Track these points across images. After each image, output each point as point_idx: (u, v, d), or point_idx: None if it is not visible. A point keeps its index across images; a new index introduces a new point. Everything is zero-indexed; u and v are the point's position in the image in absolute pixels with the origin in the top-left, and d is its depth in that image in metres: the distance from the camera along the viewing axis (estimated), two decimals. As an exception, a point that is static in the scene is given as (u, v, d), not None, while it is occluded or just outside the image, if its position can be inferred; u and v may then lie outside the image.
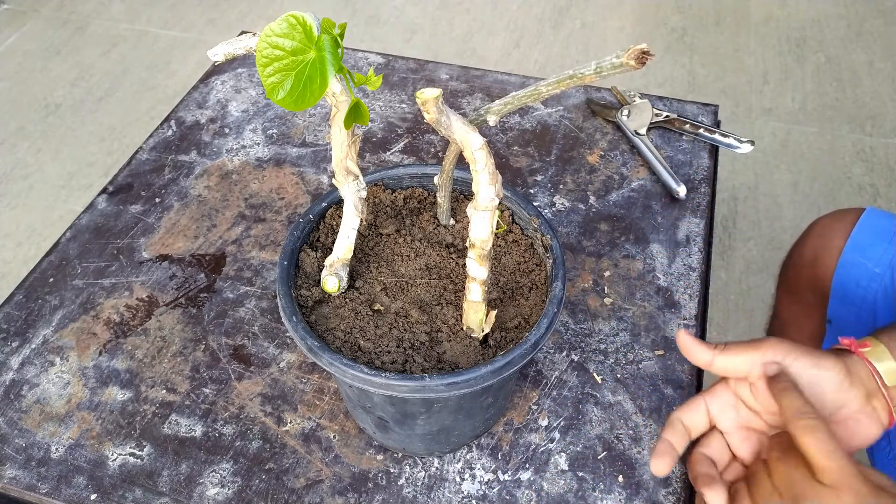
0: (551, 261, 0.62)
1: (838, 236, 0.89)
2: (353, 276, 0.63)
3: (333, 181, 0.60)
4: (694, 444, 0.57)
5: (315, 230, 0.66)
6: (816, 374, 0.53)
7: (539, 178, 0.93)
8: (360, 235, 0.66)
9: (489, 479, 0.66)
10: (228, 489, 0.66)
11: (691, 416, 0.56)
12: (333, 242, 0.62)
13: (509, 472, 0.67)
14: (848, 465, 0.46)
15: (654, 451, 0.54)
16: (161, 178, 0.93)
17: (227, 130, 1.00)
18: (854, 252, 0.87)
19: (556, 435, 0.69)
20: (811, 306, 0.94)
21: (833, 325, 0.90)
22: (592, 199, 0.90)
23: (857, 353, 0.55)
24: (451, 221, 0.68)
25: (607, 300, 0.79)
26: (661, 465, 0.53)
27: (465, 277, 0.58)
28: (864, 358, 0.54)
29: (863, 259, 0.86)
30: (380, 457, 0.68)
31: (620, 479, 0.66)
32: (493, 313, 0.59)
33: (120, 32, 2.24)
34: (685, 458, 0.57)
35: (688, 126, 0.97)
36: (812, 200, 1.73)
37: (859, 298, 0.86)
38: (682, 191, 0.89)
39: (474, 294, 0.58)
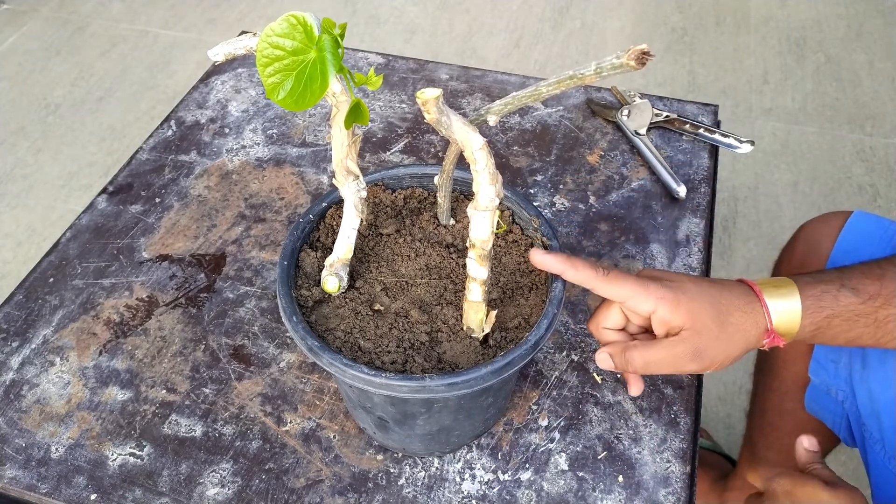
0: (551, 261, 0.62)
1: (825, 240, 0.88)
2: (353, 276, 0.63)
3: (333, 181, 0.60)
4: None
5: (315, 230, 0.66)
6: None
7: (539, 178, 0.93)
8: (361, 235, 0.66)
9: (489, 479, 0.66)
10: (228, 489, 0.66)
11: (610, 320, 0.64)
12: (333, 242, 0.62)
13: (509, 472, 0.67)
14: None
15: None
16: (161, 178, 0.93)
17: (227, 130, 1.00)
18: (841, 256, 0.86)
19: (556, 435, 0.69)
20: None
21: None
22: (592, 199, 0.90)
23: (752, 286, 0.62)
24: (452, 221, 0.68)
25: (607, 300, 0.79)
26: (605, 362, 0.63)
27: (466, 277, 0.58)
28: (759, 295, 0.61)
29: (850, 263, 0.85)
30: (380, 457, 0.68)
31: (620, 479, 0.66)
32: (493, 313, 0.59)
33: (120, 32, 2.23)
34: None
35: (688, 126, 0.97)
36: (812, 200, 1.72)
37: None
38: (682, 191, 0.89)
39: (474, 294, 0.58)
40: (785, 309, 0.61)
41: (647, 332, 0.64)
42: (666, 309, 0.59)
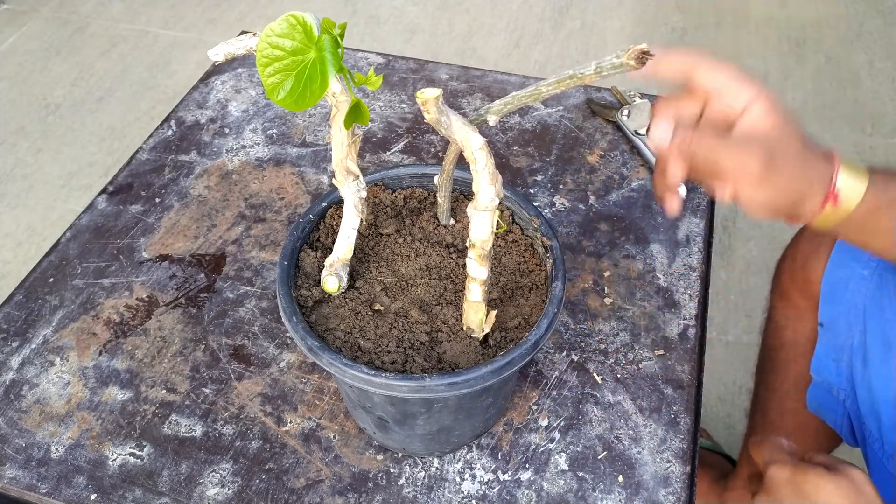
0: (551, 261, 0.62)
1: (827, 241, 0.88)
2: (353, 276, 0.63)
3: (333, 181, 0.60)
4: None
5: (315, 230, 0.66)
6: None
7: (539, 178, 0.93)
8: (360, 235, 0.66)
9: (489, 479, 0.66)
10: (228, 489, 0.66)
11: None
12: (333, 242, 0.62)
13: (509, 472, 0.67)
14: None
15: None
16: (161, 178, 0.93)
17: (227, 130, 1.00)
18: (842, 255, 0.86)
19: (556, 435, 0.69)
20: (804, 310, 0.93)
21: (825, 328, 0.89)
22: (592, 199, 0.90)
23: (834, 157, 0.58)
24: (451, 221, 0.68)
25: (607, 300, 0.79)
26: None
27: (465, 277, 0.58)
28: (836, 163, 0.58)
29: (851, 262, 0.85)
30: (380, 457, 0.68)
31: (620, 479, 0.66)
32: (493, 313, 0.59)
33: (120, 32, 2.23)
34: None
35: (688, 126, 0.97)
36: (812, 200, 1.72)
37: (848, 302, 0.85)
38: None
39: (474, 294, 0.58)
40: (853, 177, 0.58)
41: None
42: (762, 106, 0.55)
